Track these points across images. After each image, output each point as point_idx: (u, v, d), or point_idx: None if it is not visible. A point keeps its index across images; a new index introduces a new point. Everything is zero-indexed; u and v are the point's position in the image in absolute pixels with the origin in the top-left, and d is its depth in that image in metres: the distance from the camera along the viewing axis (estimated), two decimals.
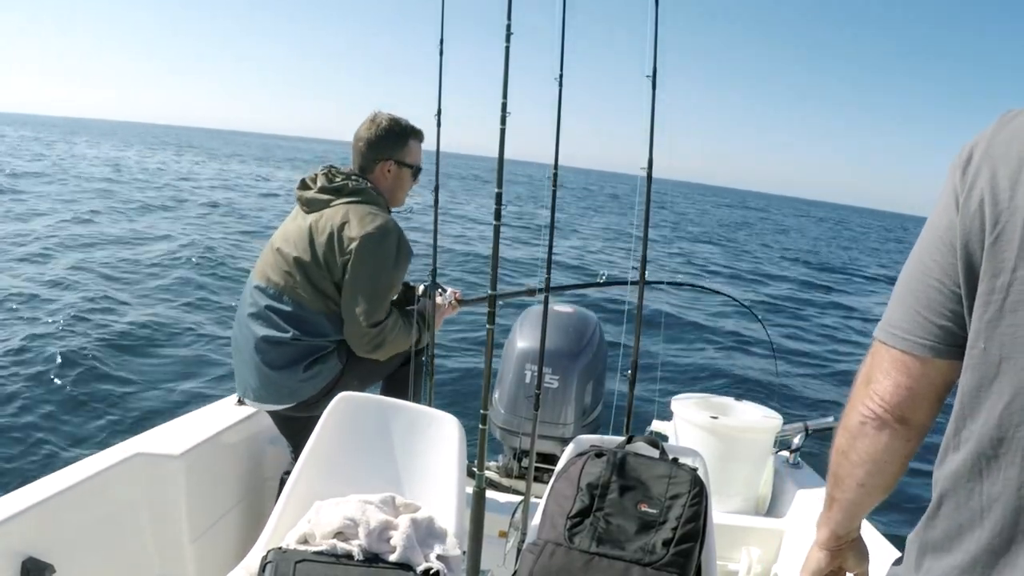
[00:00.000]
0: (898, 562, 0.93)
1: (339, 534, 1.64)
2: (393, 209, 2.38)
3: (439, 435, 1.93)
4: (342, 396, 1.99)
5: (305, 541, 1.66)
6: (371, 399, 2.05)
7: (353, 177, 2.28)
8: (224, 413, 2.43)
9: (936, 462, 0.85)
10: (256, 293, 2.22)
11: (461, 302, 2.63)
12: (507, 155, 1.87)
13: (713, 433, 2.64)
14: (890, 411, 0.91)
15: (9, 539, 1.57)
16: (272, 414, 2.36)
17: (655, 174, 2.16)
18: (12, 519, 1.58)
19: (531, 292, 2.87)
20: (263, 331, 2.18)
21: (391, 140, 2.31)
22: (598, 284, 3.05)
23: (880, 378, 0.92)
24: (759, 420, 2.74)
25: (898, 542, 1.08)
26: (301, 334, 2.17)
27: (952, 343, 0.85)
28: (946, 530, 0.82)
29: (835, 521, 1.09)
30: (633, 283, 2.25)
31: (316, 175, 2.29)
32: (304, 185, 2.29)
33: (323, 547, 1.62)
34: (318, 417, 2.30)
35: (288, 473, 2.36)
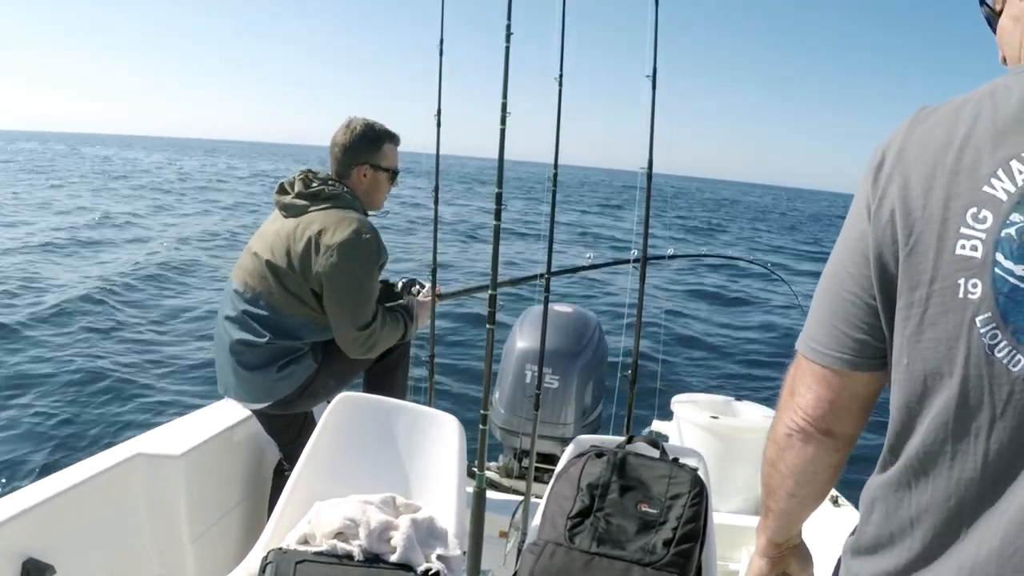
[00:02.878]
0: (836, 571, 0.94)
1: (339, 534, 1.64)
2: (371, 213, 2.39)
3: (439, 435, 1.92)
4: (342, 396, 1.99)
5: (305, 541, 1.66)
6: (371, 399, 2.05)
7: (330, 182, 2.31)
8: (224, 413, 2.43)
9: (873, 473, 0.84)
10: (234, 297, 2.25)
11: (441, 296, 2.63)
12: (509, 156, 1.87)
13: (713, 433, 2.64)
14: (814, 424, 0.90)
15: (9, 539, 1.57)
16: (255, 412, 2.38)
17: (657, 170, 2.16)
18: (12, 519, 1.57)
19: (532, 278, 2.86)
20: (239, 334, 2.21)
21: (365, 145, 2.34)
22: (599, 266, 3.04)
23: (803, 391, 0.90)
24: (759, 420, 2.75)
25: None
26: (275, 337, 2.19)
27: (871, 355, 0.84)
28: (876, 536, 0.82)
29: (771, 529, 1.10)
30: (635, 262, 2.24)
31: (294, 180, 2.31)
32: (282, 190, 2.31)
33: (323, 547, 1.62)
34: (300, 415, 2.31)
35: (276, 471, 2.37)
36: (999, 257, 0.70)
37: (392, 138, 2.39)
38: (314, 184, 2.28)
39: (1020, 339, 0.69)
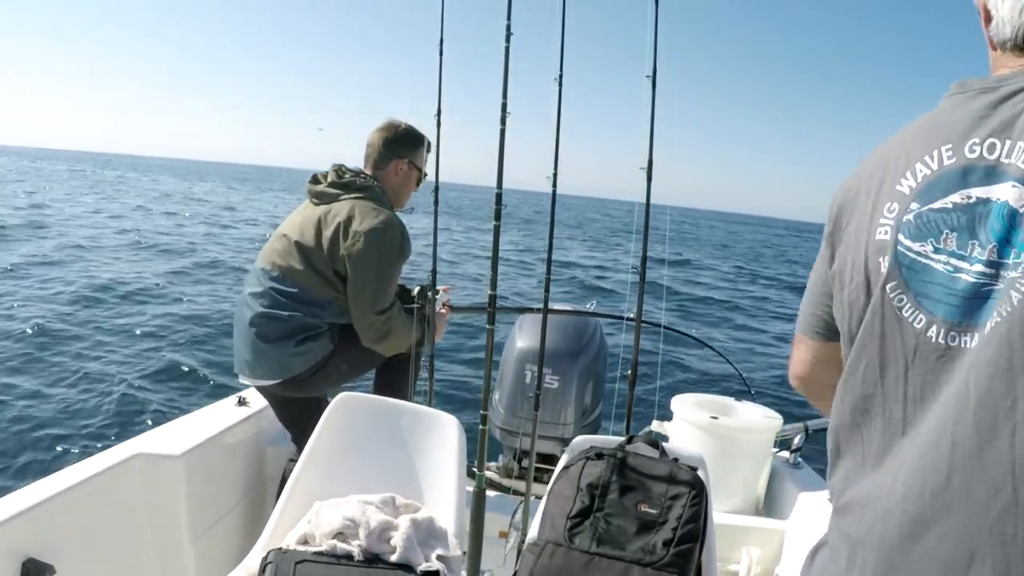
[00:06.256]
0: None
1: (339, 535, 1.64)
2: (396, 210, 2.49)
3: (439, 435, 1.93)
4: (342, 396, 1.99)
5: (305, 542, 1.66)
6: (371, 399, 2.05)
7: (361, 175, 2.44)
8: (224, 413, 2.43)
9: (831, 419, 1.00)
10: (261, 275, 2.34)
11: (453, 309, 2.70)
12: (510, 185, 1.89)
13: (713, 433, 2.63)
14: (796, 375, 1.16)
15: (9, 539, 1.57)
16: (268, 396, 2.43)
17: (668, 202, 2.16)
18: (12, 519, 1.57)
19: (529, 310, 2.98)
20: (262, 308, 2.29)
21: (407, 142, 2.50)
22: (595, 314, 3.12)
23: (793, 354, 1.17)
24: (759, 420, 2.74)
25: None
26: (298, 312, 2.28)
27: (832, 328, 1.04)
28: (844, 474, 0.96)
29: None
30: (629, 319, 2.25)
31: (327, 172, 2.45)
32: (315, 180, 2.45)
33: (323, 548, 1.62)
34: (313, 401, 2.32)
35: (293, 461, 2.38)
36: (900, 237, 0.88)
37: (428, 145, 2.55)
38: (346, 175, 2.42)
39: (920, 302, 0.86)
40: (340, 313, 2.32)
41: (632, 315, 2.22)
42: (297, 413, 2.37)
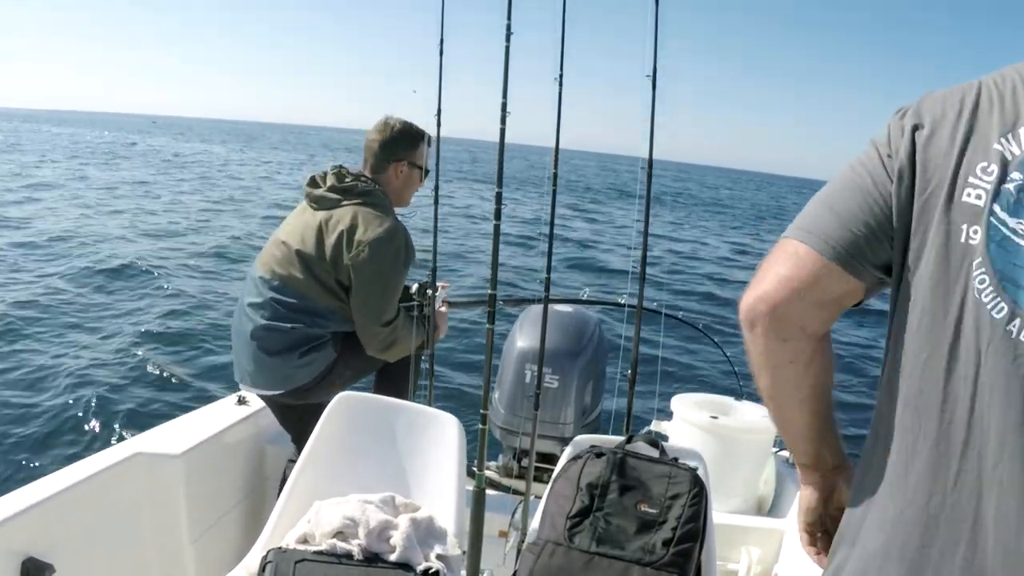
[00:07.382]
0: None
1: (339, 534, 1.64)
2: (397, 209, 2.46)
3: (439, 435, 1.93)
4: (342, 396, 1.99)
5: (305, 541, 1.66)
6: (371, 399, 2.05)
7: (362, 178, 2.37)
8: (224, 413, 2.43)
9: (875, 408, 0.86)
10: (260, 283, 2.29)
11: (450, 304, 2.68)
12: (508, 139, 1.87)
13: (713, 433, 2.64)
14: (766, 301, 0.92)
15: (9, 539, 1.57)
16: (270, 403, 2.41)
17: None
18: (12, 519, 1.58)
19: (530, 301, 2.97)
20: (263, 320, 2.25)
21: (405, 142, 2.42)
22: (597, 302, 3.12)
23: (769, 270, 0.93)
24: (759, 420, 2.74)
25: None
26: (300, 323, 2.24)
27: (859, 258, 0.85)
28: (890, 474, 0.82)
29: (790, 448, 1.05)
30: (630, 307, 2.25)
31: (326, 174, 2.38)
32: (314, 183, 2.37)
33: (323, 547, 1.62)
34: (315, 406, 2.32)
35: (292, 461, 2.38)
36: (996, 208, 0.74)
37: (426, 138, 2.47)
38: (347, 179, 2.34)
39: (1005, 286, 0.73)
40: (343, 322, 2.28)
41: (631, 302, 2.22)
42: (298, 418, 2.34)
